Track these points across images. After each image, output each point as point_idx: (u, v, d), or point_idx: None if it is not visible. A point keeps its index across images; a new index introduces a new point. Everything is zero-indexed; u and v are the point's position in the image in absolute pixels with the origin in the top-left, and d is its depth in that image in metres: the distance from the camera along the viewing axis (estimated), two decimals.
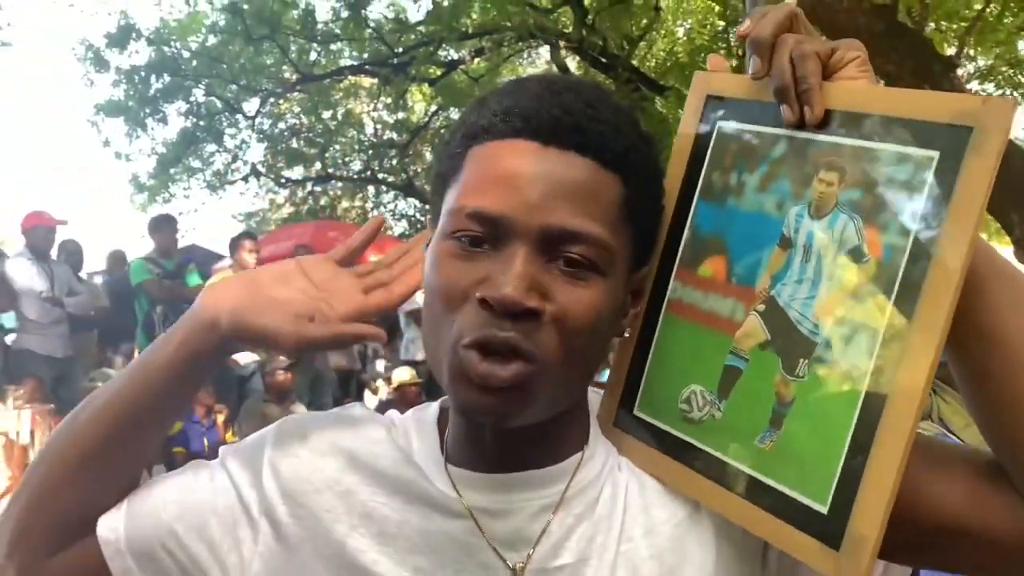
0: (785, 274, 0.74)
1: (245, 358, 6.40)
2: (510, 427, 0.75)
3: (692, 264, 0.81)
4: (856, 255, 0.70)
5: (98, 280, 8.53)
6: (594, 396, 0.89)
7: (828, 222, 0.72)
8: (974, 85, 11.88)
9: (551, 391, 0.75)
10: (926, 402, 0.65)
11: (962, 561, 0.77)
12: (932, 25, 8.98)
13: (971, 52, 11.30)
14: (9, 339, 6.69)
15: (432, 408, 0.90)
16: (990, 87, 12.50)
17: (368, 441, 0.85)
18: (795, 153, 0.75)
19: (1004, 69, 12.35)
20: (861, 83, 0.72)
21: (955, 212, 0.64)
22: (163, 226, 6.64)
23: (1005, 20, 10.29)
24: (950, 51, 7.61)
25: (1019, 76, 12.48)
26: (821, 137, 0.73)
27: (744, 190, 0.78)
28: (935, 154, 0.66)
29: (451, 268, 0.74)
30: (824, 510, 0.68)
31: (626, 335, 0.84)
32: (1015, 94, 12.70)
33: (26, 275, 5.83)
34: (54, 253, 6.36)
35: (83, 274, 7.15)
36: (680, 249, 0.82)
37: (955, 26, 9.81)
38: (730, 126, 0.80)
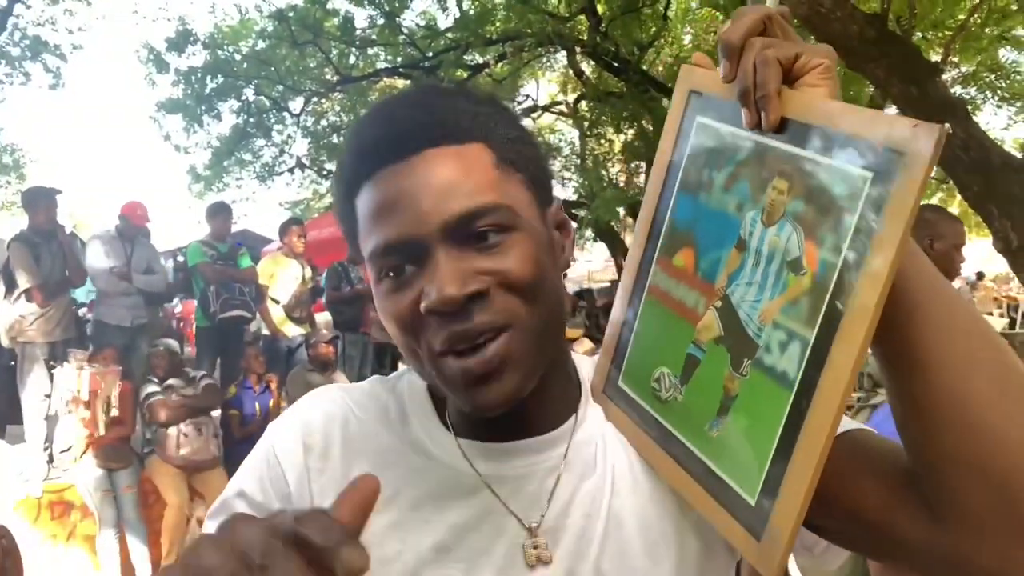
0: (739, 275, 0.71)
1: (292, 331, 6.47)
2: (517, 406, 0.73)
3: (669, 252, 0.79)
4: (795, 267, 0.65)
5: (163, 261, 8.61)
6: (580, 361, 0.88)
7: (776, 230, 0.67)
8: (957, 89, 11.74)
9: (533, 349, 0.72)
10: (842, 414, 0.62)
11: (874, 552, 0.76)
12: (920, 34, 8.86)
13: (955, 59, 11.16)
14: (83, 312, 6.82)
15: (415, 376, 0.85)
16: (972, 91, 12.35)
17: (372, 418, 0.83)
18: (756, 157, 0.70)
19: (985, 74, 12.21)
20: (818, 93, 0.65)
21: (881, 234, 0.59)
22: (219, 213, 6.67)
23: (987, 29, 10.15)
24: (936, 57, 7.50)
25: (999, 81, 12.34)
26: (778, 144, 0.67)
27: (713, 188, 0.74)
28: (869, 175, 0.60)
29: (392, 303, 0.72)
30: (752, 502, 0.66)
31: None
32: (995, 98, 12.55)
33: (103, 254, 5.89)
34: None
35: None
36: (661, 237, 0.80)
37: (940, 34, 9.68)
38: (707, 123, 0.76)
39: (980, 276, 15.64)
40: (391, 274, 0.72)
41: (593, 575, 0.76)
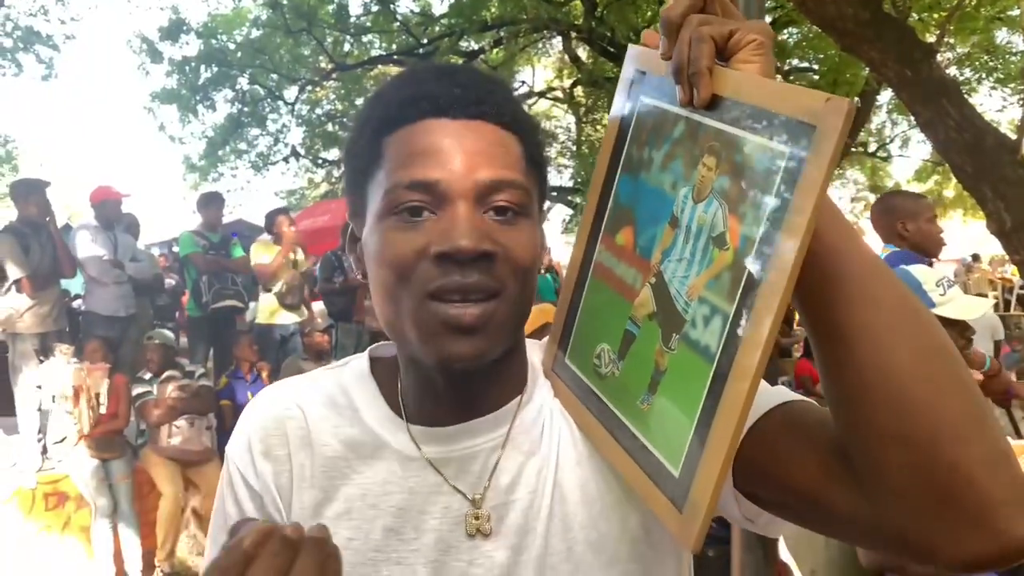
0: (672, 251, 0.72)
1: (286, 319, 6.45)
2: (483, 366, 0.75)
3: (613, 231, 0.80)
4: (720, 242, 0.66)
5: (155, 251, 8.57)
6: (529, 344, 0.90)
7: (704, 206, 0.68)
8: (952, 70, 11.67)
9: (513, 322, 0.77)
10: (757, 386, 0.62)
11: (810, 523, 0.75)
12: (915, 15, 8.79)
13: (950, 40, 11.08)
14: (77, 304, 6.79)
15: (360, 362, 0.89)
16: (967, 72, 12.30)
17: (319, 408, 0.85)
18: (689, 135, 0.71)
19: (980, 55, 12.15)
20: (748, 69, 0.66)
21: (793, 207, 0.59)
22: (210, 203, 6.63)
23: (982, 10, 10.08)
24: (931, 39, 7.43)
25: (994, 62, 12.28)
26: (708, 121, 0.68)
27: (651, 166, 0.75)
28: (786, 149, 0.60)
29: (398, 239, 0.74)
30: (676, 474, 0.67)
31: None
32: (990, 79, 12.49)
33: (91, 242, 5.86)
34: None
35: (140, 245, 7.19)
36: (605, 216, 0.81)
37: (936, 15, 9.61)
38: (647, 102, 0.77)
39: (976, 258, 15.62)
40: (406, 212, 0.74)
41: (542, 548, 0.79)
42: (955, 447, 0.60)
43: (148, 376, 5.08)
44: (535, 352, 0.90)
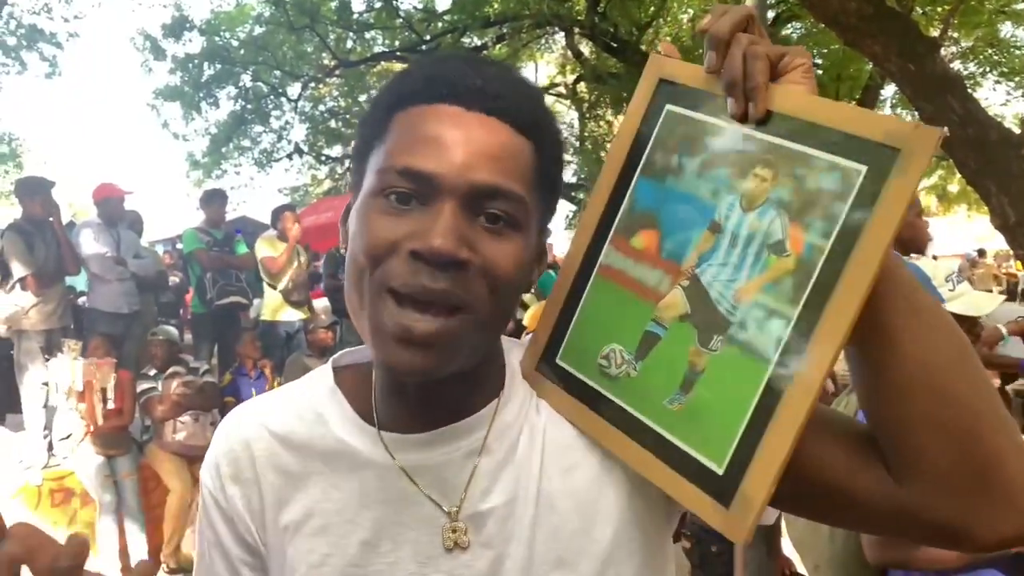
0: (712, 256, 0.74)
1: (291, 315, 6.45)
2: (433, 380, 0.73)
3: (626, 234, 0.80)
4: (778, 249, 0.70)
5: (159, 248, 8.59)
6: (507, 344, 0.87)
7: (757, 215, 0.71)
8: (956, 64, 11.63)
9: (477, 340, 0.73)
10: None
11: (827, 512, 0.79)
12: (919, 9, 8.75)
13: (954, 34, 11.05)
14: (81, 300, 6.80)
15: (323, 374, 0.86)
16: (972, 66, 12.25)
17: (288, 425, 0.83)
18: (736, 146, 0.73)
19: (984, 49, 12.10)
20: (803, 89, 0.70)
21: (874, 224, 0.64)
22: (213, 200, 6.64)
23: (986, 3, 10.04)
24: (935, 33, 7.40)
25: (998, 56, 12.24)
26: (761, 135, 0.72)
27: (683, 173, 0.77)
28: (863, 168, 0.65)
29: (380, 223, 0.71)
30: (720, 471, 0.69)
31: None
32: (994, 72, 12.44)
33: (94, 240, 5.87)
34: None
35: (144, 242, 7.20)
36: (617, 218, 0.81)
37: (940, 9, 9.57)
38: (678, 111, 0.78)
39: (981, 253, 15.59)
40: (393, 197, 0.71)
41: (527, 558, 0.77)
42: (992, 435, 0.67)
43: (152, 372, 5.10)
44: (513, 352, 0.87)
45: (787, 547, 2.87)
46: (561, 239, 15.43)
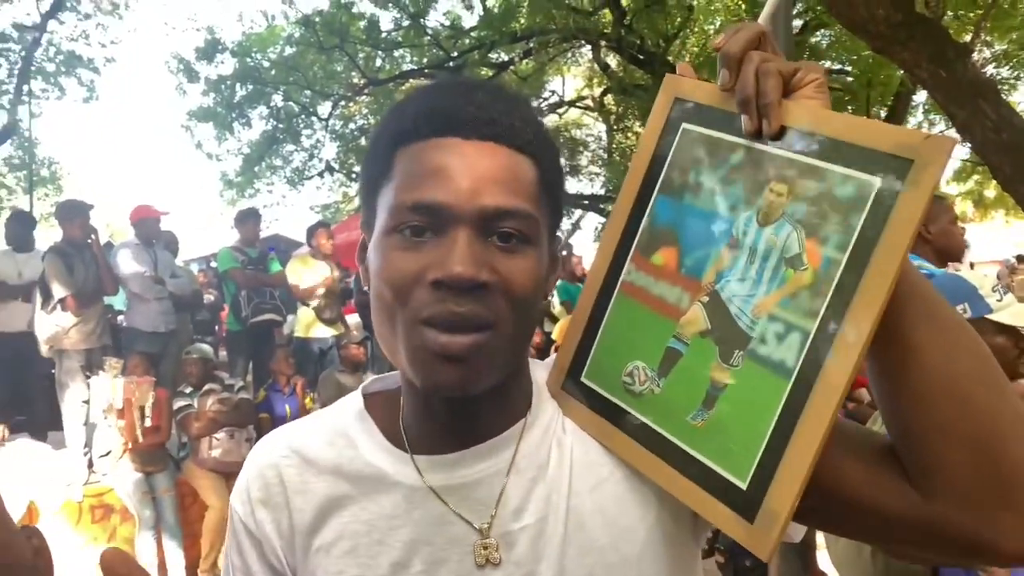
0: (730, 271, 0.75)
1: (324, 332, 6.52)
2: (472, 395, 0.75)
3: (647, 251, 0.81)
4: (795, 263, 0.70)
5: (193, 267, 8.72)
6: (533, 364, 0.89)
7: (774, 229, 0.72)
8: (990, 69, 11.45)
9: (506, 354, 0.75)
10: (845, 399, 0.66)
11: (848, 526, 0.78)
12: (950, 13, 8.65)
13: (988, 38, 10.88)
14: (119, 320, 6.93)
15: (353, 401, 0.88)
16: (1005, 71, 12.04)
17: (317, 450, 0.84)
18: (751, 162, 0.74)
19: (1019, 52, 11.89)
20: (816, 104, 0.71)
21: (890, 235, 0.65)
22: (248, 219, 6.74)
23: (1020, 6, 9.88)
24: (967, 37, 7.31)
25: None
26: (776, 151, 0.72)
27: (700, 190, 0.78)
28: (877, 180, 0.66)
29: (398, 259, 0.73)
30: (743, 486, 0.70)
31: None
32: None
33: (132, 260, 5.99)
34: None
35: (179, 262, 7.33)
36: (637, 236, 0.82)
37: (972, 14, 9.44)
38: (694, 129, 0.79)
39: (1020, 259, 15.25)
40: (408, 232, 0.73)
41: (557, 575, 0.77)
42: (1016, 445, 0.67)
43: (188, 390, 5.18)
44: (539, 372, 0.88)
45: (826, 563, 2.83)
46: (590, 252, 15.42)
